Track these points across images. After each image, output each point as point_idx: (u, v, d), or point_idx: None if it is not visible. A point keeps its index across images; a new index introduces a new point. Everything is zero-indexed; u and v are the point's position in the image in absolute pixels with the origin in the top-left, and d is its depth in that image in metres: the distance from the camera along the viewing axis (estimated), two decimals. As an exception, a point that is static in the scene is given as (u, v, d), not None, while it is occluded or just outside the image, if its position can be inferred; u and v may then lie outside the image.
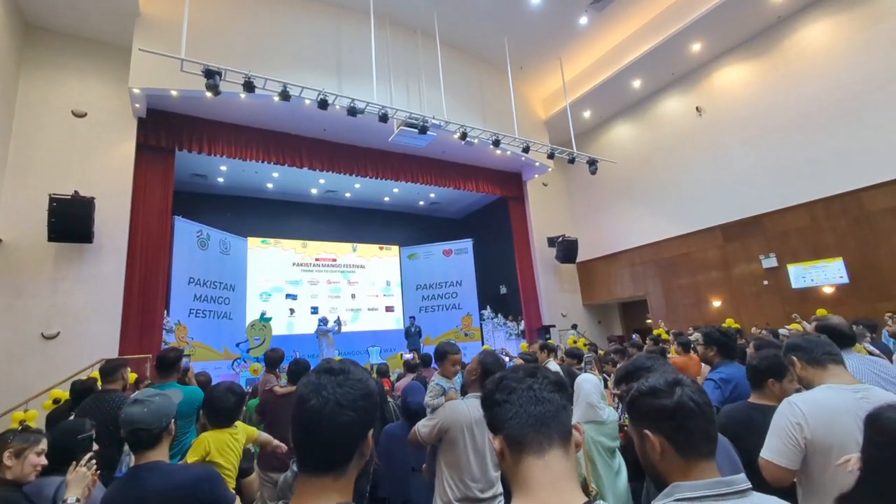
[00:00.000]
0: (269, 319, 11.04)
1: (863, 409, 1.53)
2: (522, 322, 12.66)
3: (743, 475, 0.95)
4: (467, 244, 14.52)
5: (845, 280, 8.17)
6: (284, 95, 7.14)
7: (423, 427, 2.38)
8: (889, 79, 7.87)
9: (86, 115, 7.43)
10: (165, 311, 8.55)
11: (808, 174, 8.81)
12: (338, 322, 10.89)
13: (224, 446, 2.28)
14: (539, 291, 12.82)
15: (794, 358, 1.80)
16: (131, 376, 4.79)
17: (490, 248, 14.51)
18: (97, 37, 7.75)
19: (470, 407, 2.35)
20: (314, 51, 8.92)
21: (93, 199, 6.73)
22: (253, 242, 12.67)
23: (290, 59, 8.53)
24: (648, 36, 10.34)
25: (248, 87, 6.71)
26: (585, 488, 2.44)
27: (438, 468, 2.33)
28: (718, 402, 2.34)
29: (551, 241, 12.92)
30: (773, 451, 1.59)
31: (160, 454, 1.66)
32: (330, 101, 7.62)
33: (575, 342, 10.54)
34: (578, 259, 13.07)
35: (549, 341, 10.52)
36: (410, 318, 12.88)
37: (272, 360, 3.91)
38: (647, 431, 1.01)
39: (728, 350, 2.59)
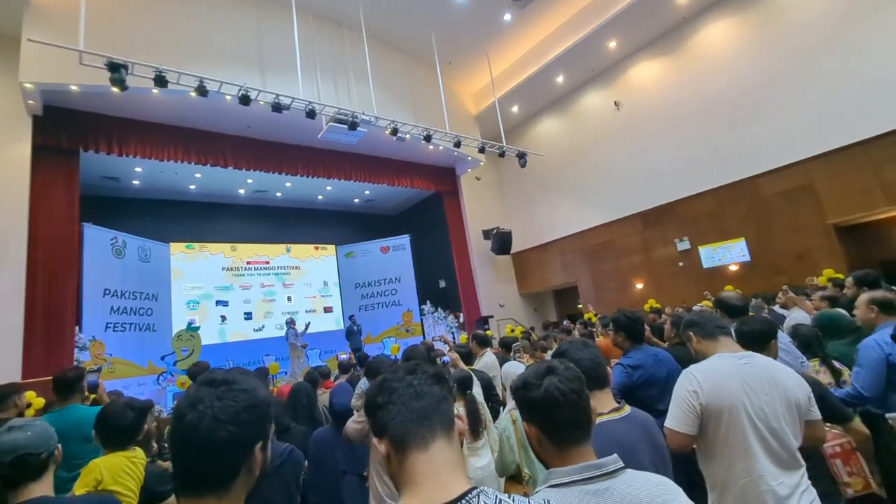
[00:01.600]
0: (197, 329, 10.42)
1: (748, 373, 1.74)
2: (462, 315, 12.86)
3: (615, 456, 1.02)
4: (405, 240, 14.49)
5: (747, 258, 9.05)
6: (201, 91, 6.74)
7: (351, 425, 2.38)
8: (778, 75, 8.77)
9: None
10: (77, 328, 7.84)
11: (713, 163, 9.64)
12: (306, 326, 10.68)
13: (120, 471, 2.04)
14: (477, 284, 13.08)
15: (691, 333, 2.00)
16: (37, 402, 4.37)
17: (427, 243, 14.58)
18: (-24, 25, 6.91)
19: None
20: (234, 44, 8.48)
21: (-20, 207, 6.02)
22: (176, 248, 11.89)
23: (208, 53, 8.06)
24: (568, 33, 10.81)
25: (160, 81, 6.26)
26: (520, 474, 2.54)
27: (371, 467, 2.34)
28: (622, 386, 2.46)
29: (486, 234, 13.22)
30: (674, 419, 1.75)
31: (45, 487, 1.48)
32: (252, 97, 7.29)
33: (513, 330, 10.88)
34: (513, 250, 13.47)
35: (488, 332, 10.81)
36: (350, 317, 12.69)
37: (195, 375, 3.68)
38: (525, 422, 1.08)
39: (635, 334, 2.67)
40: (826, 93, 8.11)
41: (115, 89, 5.96)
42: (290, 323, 10.65)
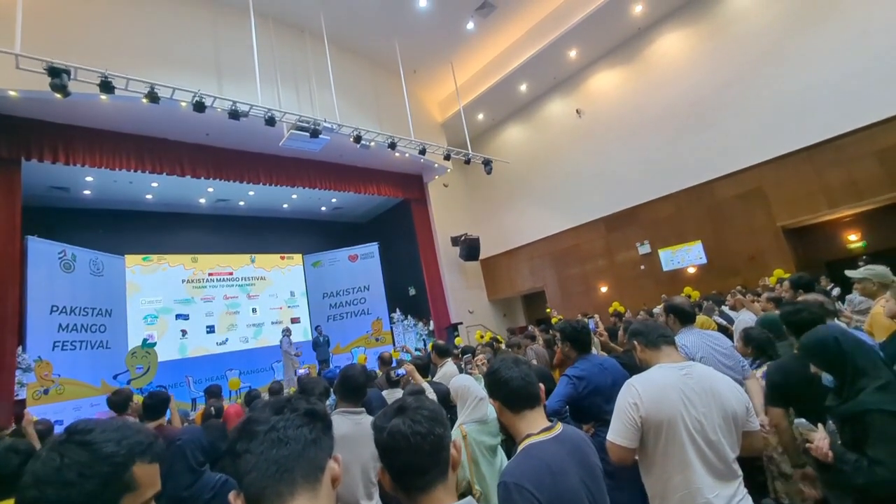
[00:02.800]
0: (153, 345, 9.98)
1: (687, 384, 1.75)
2: (432, 322, 12.81)
3: None
4: (373, 248, 14.34)
5: (704, 260, 9.35)
6: (153, 97, 6.50)
7: None
8: (728, 83, 9.14)
9: None
10: (20, 348, 7.39)
11: (671, 168, 9.94)
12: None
13: None
14: (446, 290, 13.06)
15: (636, 342, 2.02)
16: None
17: (396, 251, 14.47)
18: None
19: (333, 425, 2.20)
20: (188, 49, 8.23)
21: None
22: (132, 261, 11.39)
23: (160, 58, 7.79)
24: (530, 43, 10.99)
25: (106, 87, 6.01)
26: (469, 491, 2.50)
27: None
28: (567, 397, 2.44)
29: (455, 241, 13.23)
30: (615, 432, 1.75)
31: None
32: (208, 104, 7.08)
33: (482, 336, 10.89)
34: (481, 256, 13.53)
35: (457, 339, 10.79)
36: (316, 328, 12.42)
37: (115, 404, 3.43)
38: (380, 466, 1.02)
39: (581, 345, 2.64)
40: (771, 100, 8.50)
41: (57, 95, 5.68)
42: (286, 332, 10.41)
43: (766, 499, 2.72)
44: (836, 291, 6.28)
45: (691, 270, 9.61)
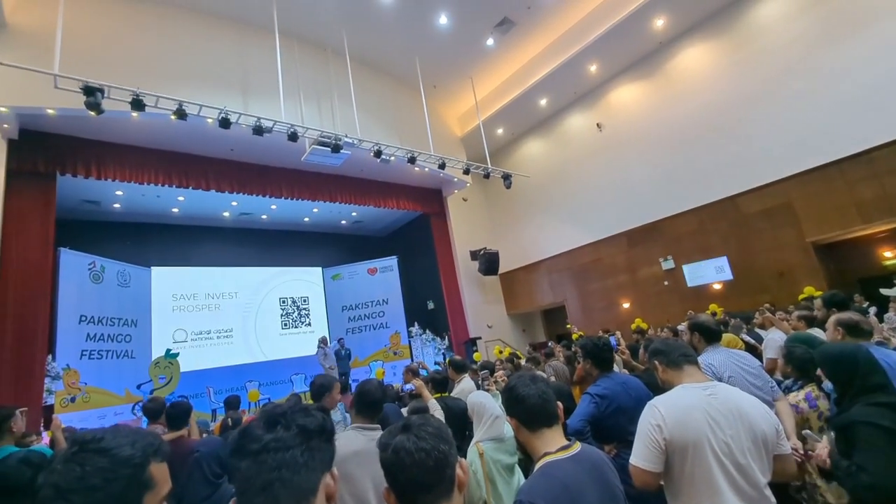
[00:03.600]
0: (176, 355, 10.15)
1: (711, 405, 1.68)
2: (449, 337, 12.73)
3: None
4: (392, 261, 14.40)
5: (730, 276, 9.09)
6: (181, 114, 6.71)
7: None
8: (750, 97, 8.97)
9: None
10: (50, 356, 7.61)
11: (694, 182, 9.76)
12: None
13: None
14: (464, 305, 12.99)
15: (656, 362, 1.95)
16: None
17: (415, 265, 14.50)
18: (-47, 51, 6.85)
19: (346, 441, 2.07)
20: (215, 68, 8.50)
21: (-51, 234, 5.87)
22: (158, 272, 11.68)
23: (188, 76, 8.06)
24: (551, 57, 11.02)
25: (137, 105, 6.23)
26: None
27: None
28: (590, 416, 2.36)
29: (474, 255, 13.19)
30: (638, 455, 1.68)
31: None
32: (233, 120, 7.27)
33: (501, 352, 10.77)
34: (500, 270, 13.44)
35: (476, 354, 10.69)
36: (338, 340, 12.44)
37: (151, 412, 3.45)
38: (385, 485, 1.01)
39: (603, 362, 2.57)
40: (799, 114, 8.30)
41: (91, 113, 5.92)
42: (322, 343, 10.49)
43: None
44: (872, 310, 6.01)
45: (717, 287, 9.35)
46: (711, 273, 9.38)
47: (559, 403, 1.51)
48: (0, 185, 6.84)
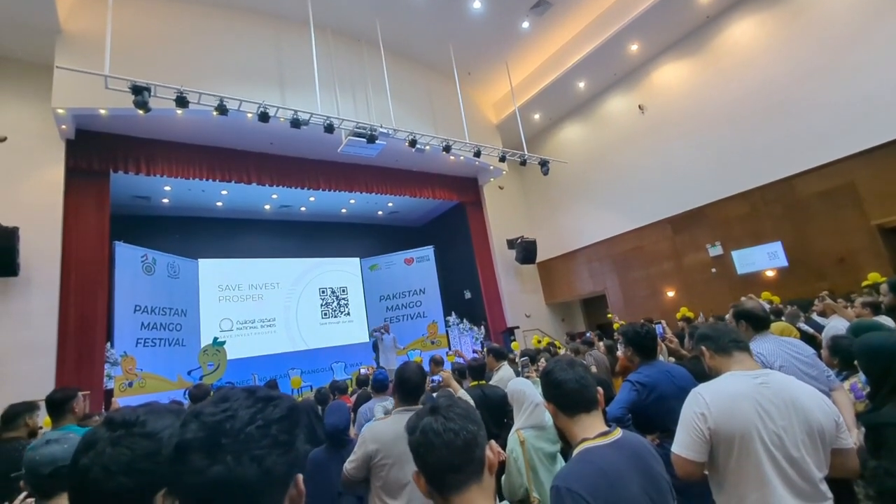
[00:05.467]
0: (223, 343, 10.60)
1: (762, 394, 1.55)
2: (486, 326, 12.67)
3: None
4: (429, 251, 14.44)
5: (784, 263, 8.56)
6: (221, 109, 6.91)
7: (349, 465, 2.16)
8: (808, 71, 8.34)
9: (5, 139, 6.98)
10: (108, 344, 8.09)
11: (744, 164, 9.21)
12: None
13: None
14: (502, 294, 12.88)
15: (703, 348, 1.82)
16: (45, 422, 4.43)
17: (452, 254, 14.48)
18: (15, 56, 7.33)
19: (392, 424, 2.15)
20: (253, 63, 8.70)
21: (16, 228, 6.31)
22: (205, 263, 12.19)
23: (228, 72, 8.29)
24: (588, 38, 10.62)
25: (181, 102, 6.45)
26: (528, 498, 2.38)
27: (372, 493, 2.16)
28: (630, 404, 2.26)
29: (511, 243, 13.03)
30: (680, 443, 1.58)
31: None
32: (271, 114, 7.43)
33: (539, 342, 10.62)
34: (538, 259, 13.22)
35: (514, 344, 10.59)
36: (381, 327, 12.61)
37: (196, 397, 3.59)
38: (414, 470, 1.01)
39: (645, 350, 2.45)
40: (861, 88, 7.65)
41: (139, 111, 6.18)
42: (383, 329, 10.86)
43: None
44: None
45: (770, 273, 8.83)
46: (764, 259, 8.86)
47: (599, 389, 1.43)
48: (60, 182, 7.30)
